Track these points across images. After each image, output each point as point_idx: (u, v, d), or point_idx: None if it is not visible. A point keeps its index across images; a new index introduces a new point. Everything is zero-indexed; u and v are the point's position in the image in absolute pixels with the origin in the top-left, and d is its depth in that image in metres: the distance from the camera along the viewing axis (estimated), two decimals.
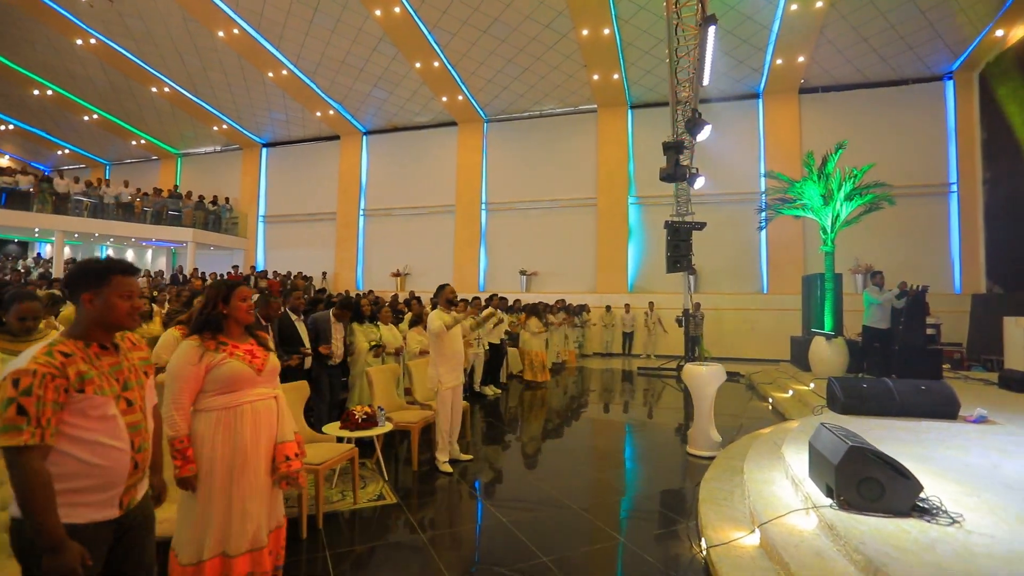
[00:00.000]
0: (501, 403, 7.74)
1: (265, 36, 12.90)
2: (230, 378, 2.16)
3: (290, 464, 2.23)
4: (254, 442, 2.16)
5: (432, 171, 16.79)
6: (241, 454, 2.13)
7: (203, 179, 20.12)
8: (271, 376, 2.32)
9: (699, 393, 4.66)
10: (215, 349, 2.19)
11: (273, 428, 2.25)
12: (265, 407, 2.23)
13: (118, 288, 1.64)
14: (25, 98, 17.53)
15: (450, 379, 4.41)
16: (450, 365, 4.42)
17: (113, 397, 1.59)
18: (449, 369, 4.41)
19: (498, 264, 15.90)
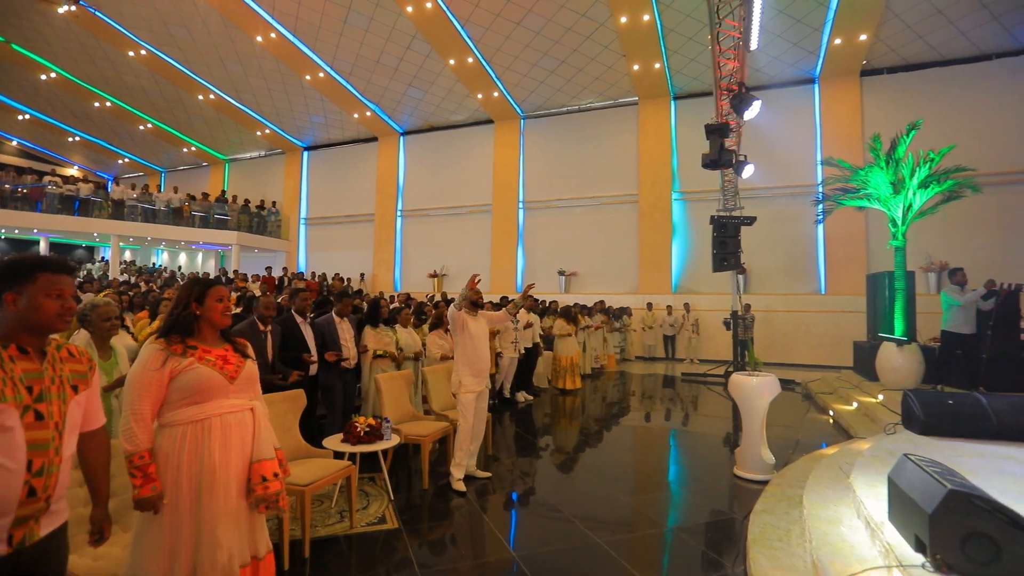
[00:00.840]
0: (530, 412, 7.29)
1: (301, 39, 12.96)
2: (197, 386, 1.86)
3: (267, 486, 1.91)
4: (223, 460, 1.85)
5: (469, 170, 16.54)
6: (209, 473, 1.82)
7: (249, 183, 20.65)
8: (247, 385, 2.01)
9: (748, 407, 4.07)
10: (182, 353, 1.89)
11: (247, 444, 1.94)
12: (237, 421, 1.93)
13: (46, 287, 1.44)
14: (87, 110, 18.45)
15: (472, 384, 4.02)
16: (473, 369, 4.03)
17: (16, 406, 1.32)
18: (472, 373, 4.03)
19: (536, 264, 15.45)
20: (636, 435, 6.35)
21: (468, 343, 4.04)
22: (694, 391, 9.20)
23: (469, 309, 4.12)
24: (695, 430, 6.63)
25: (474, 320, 4.11)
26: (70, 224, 15.70)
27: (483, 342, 4.11)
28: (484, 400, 4.16)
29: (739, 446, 4.30)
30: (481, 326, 4.13)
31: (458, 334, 4.08)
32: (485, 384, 4.14)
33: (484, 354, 4.10)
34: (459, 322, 4.04)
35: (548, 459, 5.04)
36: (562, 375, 8.72)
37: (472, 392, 4.02)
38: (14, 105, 18.90)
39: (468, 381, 4.02)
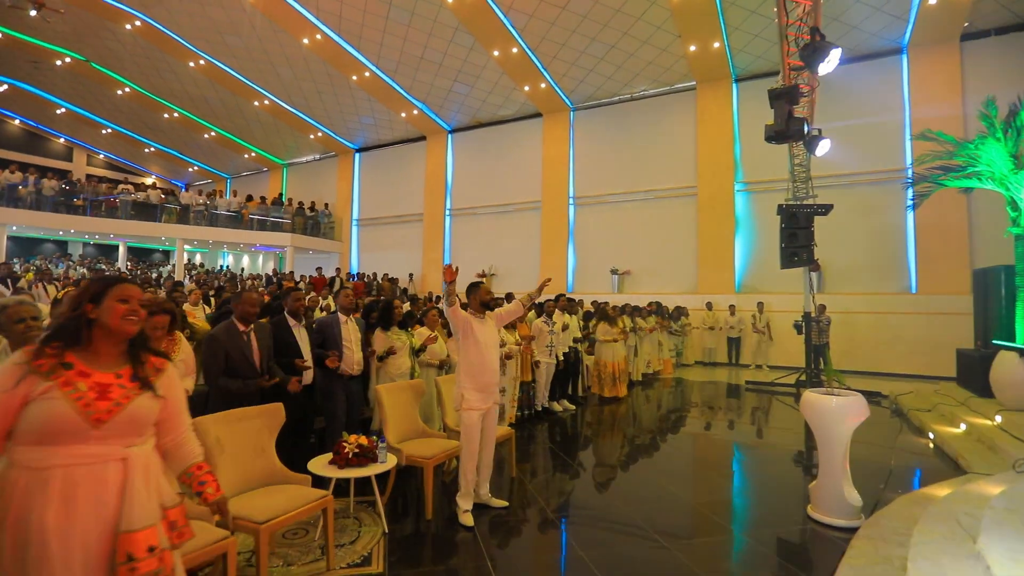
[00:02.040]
0: (569, 423, 6.62)
1: (345, 38, 12.90)
2: (41, 425, 1.37)
3: (135, 567, 1.38)
4: (60, 528, 1.33)
5: (517, 167, 16.01)
6: (37, 545, 1.30)
7: (305, 186, 21.13)
8: (126, 429, 1.47)
9: (827, 434, 3.25)
10: (47, 372, 1.40)
11: (107, 508, 1.40)
12: (92, 476, 1.40)
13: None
14: (159, 122, 19.47)
15: (476, 399, 3.44)
16: (478, 382, 3.45)
17: None
18: (476, 388, 3.45)
19: (588, 263, 14.70)
20: (690, 455, 5.55)
21: (473, 351, 3.46)
22: (761, 402, 8.19)
23: (476, 310, 3.55)
24: (761, 450, 5.73)
25: (481, 323, 3.53)
26: (140, 229, 16.55)
27: (491, 350, 3.52)
28: (492, 419, 3.57)
29: (815, 480, 3.47)
30: (490, 331, 3.54)
31: (461, 339, 3.52)
32: (493, 400, 3.53)
33: (492, 365, 3.50)
34: (462, 324, 3.47)
35: (580, 484, 4.38)
36: (607, 382, 7.98)
37: (476, 410, 3.43)
38: (99, 120, 20.28)
39: (472, 397, 3.44)
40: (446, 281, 3.28)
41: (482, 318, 3.54)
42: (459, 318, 3.46)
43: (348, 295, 4.20)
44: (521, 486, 4.11)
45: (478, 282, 3.67)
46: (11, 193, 15.12)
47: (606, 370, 8.04)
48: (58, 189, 15.96)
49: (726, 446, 5.97)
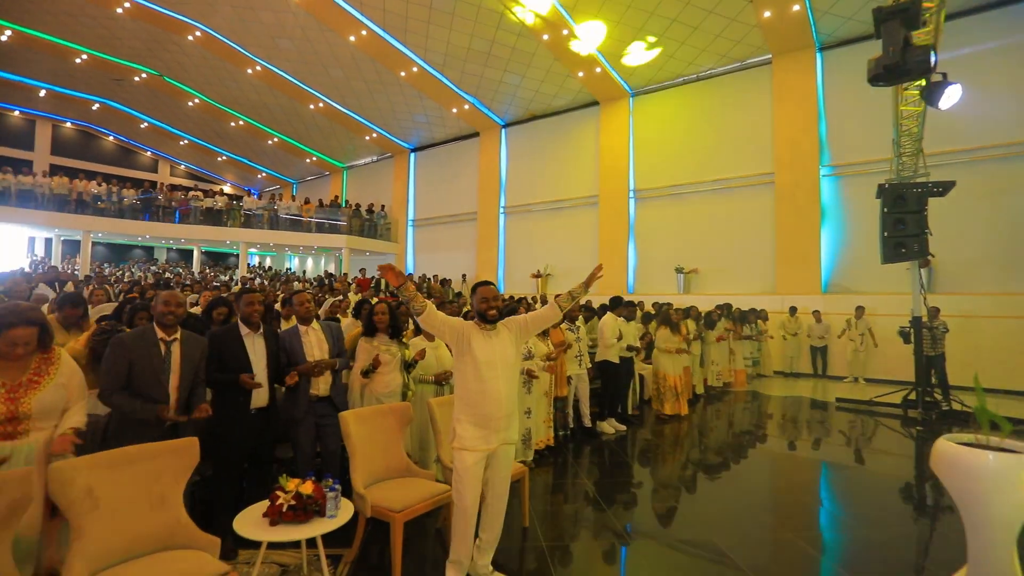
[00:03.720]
0: (615, 449, 5.62)
1: (390, 32, 12.51)
2: None
3: None
4: None
5: (573, 160, 15.06)
6: None
7: (364, 189, 21.27)
8: None
9: (980, 514, 2.11)
10: None
11: None
12: None
13: None
14: (227, 130, 20.25)
15: (473, 437, 2.58)
16: (476, 414, 2.59)
17: None
18: (474, 419, 2.60)
19: (650, 261, 13.48)
20: (762, 501, 4.42)
21: (469, 372, 2.62)
22: (856, 425, 6.78)
23: (479, 322, 2.71)
24: (861, 500, 4.49)
25: (485, 336, 2.66)
26: (206, 233, 17.14)
27: (497, 372, 2.61)
28: (501, 466, 2.69)
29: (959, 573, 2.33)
30: (498, 346, 2.67)
31: (456, 356, 2.70)
32: (501, 440, 2.65)
33: (496, 391, 2.59)
34: (453, 335, 2.63)
35: (619, 542, 3.43)
36: (667, 397, 6.89)
37: (475, 452, 2.58)
38: (176, 132, 21.45)
39: (467, 433, 2.59)
40: (394, 286, 2.46)
41: (487, 329, 2.69)
42: (446, 327, 2.62)
43: (304, 301, 3.48)
44: (535, 544, 3.23)
45: (482, 282, 2.81)
46: (96, 203, 16.10)
47: (666, 383, 6.95)
48: (136, 198, 16.85)
49: (811, 487, 4.76)
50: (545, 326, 3.02)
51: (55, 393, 2.21)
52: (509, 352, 2.72)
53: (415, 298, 2.50)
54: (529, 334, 2.92)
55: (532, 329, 2.88)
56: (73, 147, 22.37)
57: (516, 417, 2.75)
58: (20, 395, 2.12)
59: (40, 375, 2.20)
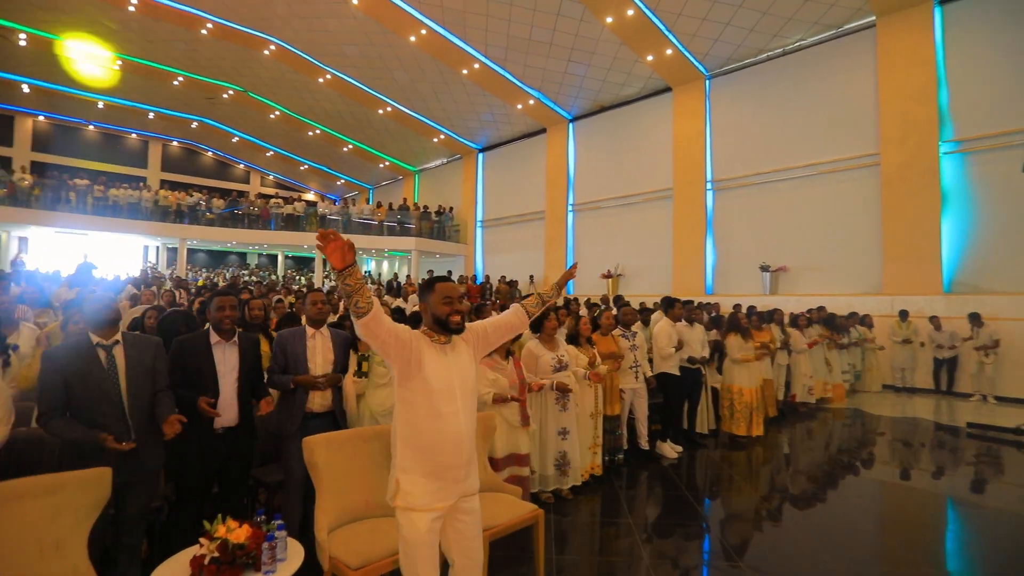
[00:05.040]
0: (675, 477, 4.80)
1: (449, 29, 12.27)
2: None
3: None
4: None
5: (645, 151, 14.06)
6: None
7: (435, 191, 21.40)
8: None
9: None
10: None
11: None
12: None
13: None
14: (306, 140, 21.19)
15: (427, 493, 1.93)
16: (428, 459, 1.94)
17: None
18: (426, 468, 1.94)
19: (731, 259, 12.22)
20: (862, 547, 3.46)
21: (420, 405, 1.94)
22: (992, 457, 5.44)
23: (432, 330, 2.03)
24: (997, 549, 3.40)
25: (439, 352, 1.99)
26: (284, 239, 18.00)
27: (455, 403, 1.95)
28: (467, 525, 2.03)
29: None
30: (458, 366, 2.01)
31: (398, 378, 2.00)
32: (460, 493, 1.99)
33: (456, 433, 1.94)
34: (402, 352, 1.90)
35: None
36: (740, 415, 5.93)
37: (425, 513, 1.92)
38: (262, 144, 22.80)
39: (419, 488, 1.93)
40: (335, 268, 1.74)
41: (442, 342, 2.04)
42: (391, 338, 1.86)
43: (317, 300, 3.10)
44: None
45: (437, 278, 2.11)
46: (192, 213, 17.42)
47: (740, 399, 6.00)
48: (224, 207, 18.02)
49: (935, 537, 3.71)
50: (508, 337, 2.33)
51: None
52: (468, 373, 2.04)
53: (360, 291, 1.74)
54: (490, 346, 2.24)
55: (493, 340, 2.22)
56: (179, 163, 24.50)
57: (475, 462, 2.10)
58: None
59: None
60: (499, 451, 3.67)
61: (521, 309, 2.26)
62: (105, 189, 16.25)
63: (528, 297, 2.33)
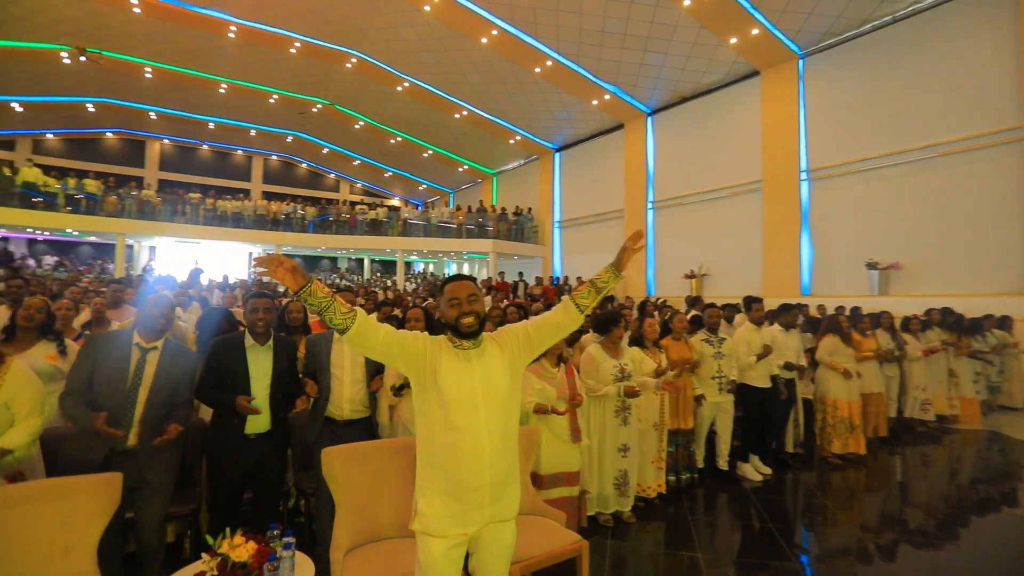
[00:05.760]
0: (757, 503, 4.24)
1: (520, 27, 12.11)
2: None
3: None
4: None
5: (730, 142, 13.08)
6: None
7: (514, 193, 21.40)
8: None
9: None
10: None
11: None
12: None
13: None
14: (389, 147, 22.02)
15: (445, 516, 1.75)
16: (446, 480, 1.75)
17: None
18: (443, 487, 1.76)
19: (831, 255, 11.00)
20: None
21: (435, 416, 1.78)
22: None
23: (452, 335, 1.84)
24: None
25: (460, 360, 1.79)
26: (367, 243, 18.77)
27: (476, 414, 1.74)
28: (495, 556, 1.83)
29: None
30: (478, 376, 1.78)
31: (416, 392, 1.83)
32: (487, 519, 1.78)
33: (475, 447, 1.73)
34: (413, 359, 1.77)
35: None
36: (837, 431, 5.19)
37: (445, 539, 1.75)
38: (349, 154, 24.02)
39: (436, 510, 1.76)
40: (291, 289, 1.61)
41: (464, 347, 1.82)
42: (392, 348, 1.74)
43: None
44: None
45: (447, 279, 1.94)
46: (287, 220, 18.69)
47: (835, 413, 5.26)
48: (315, 214, 19.15)
49: None
50: (556, 337, 1.95)
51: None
52: (500, 382, 1.79)
53: (330, 308, 1.61)
54: (535, 350, 1.92)
55: (538, 341, 1.90)
56: (277, 175, 26.48)
57: (513, 483, 1.85)
58: None
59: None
60: (544, 467, 3.39)
61: (570, 303, 1.92)
62: (214, 201, 17.86)
63: (576, 289, 1.96)
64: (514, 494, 1.86)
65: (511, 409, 1.84)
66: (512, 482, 1.85)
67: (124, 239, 15.72)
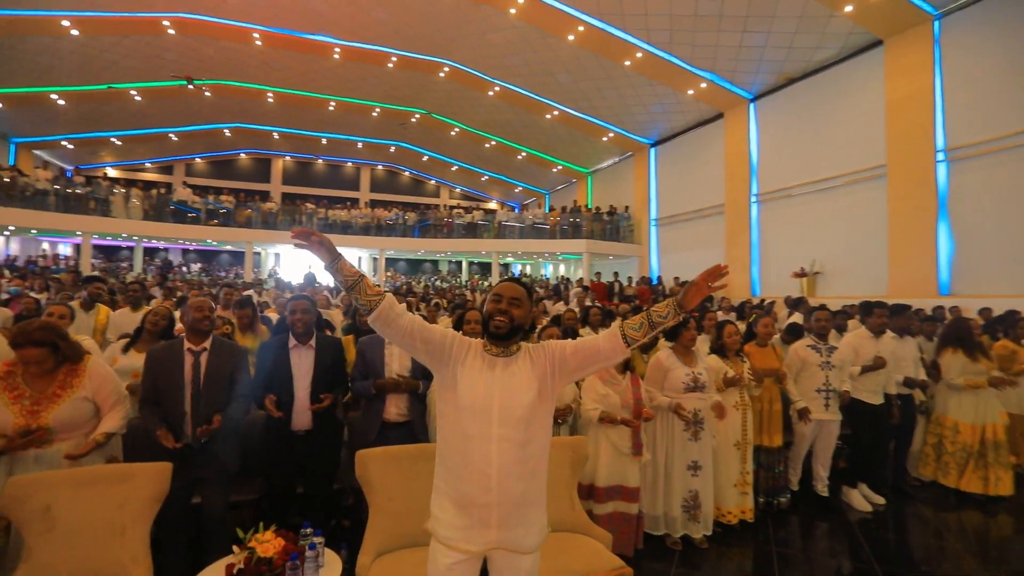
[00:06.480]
0: (863, 538, 3.68)
1: (607, 21, 11.77)
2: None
3: None
4: None
5: (847, 123, 11.70)
6: None
7: (609, 191, 20.96)
8: None
9: None
10: None
11: None
12: None
13: None
14: (484, 152, 22.53)
15: (453, 526, 1.68)
16: (455, 489, 1.69)
17: None
18: (455, 499, 1.69)
19: (978, 249, 9.41)
20: None
21: (449, 420, 1.73)
22: None
23: (487, 338, 1.77)
24: None
25: (485, 365, 1.72)
26: (464, 246, 19.36)
27: (489, 426, 1.65)
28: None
29: None
30: (499, 385, 1.69)
31: (438, 390, 1.80)
32: (496, 543, 1.67)
33: (484, 462, 1.63)
34: (438, 354, 1.73)
35: None
36: (955, 460, 4.38)
37: (452, 551, 1.67)
38: (447, 160, 24.94)
39: (446, 517, 1.70)
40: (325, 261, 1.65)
41: (495, 352, 1.74)
42: (417, 339, 1.70)
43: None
44: None
45: (506, 279, 1.88)
46: (390, 226, 19.87)
47: (954, 438, 4.44)
48: (415, 220, 20.14)
49: None
50: (594, 366, 1.80)
51: (75, 406, 2.26)
52: (522, 397, 1.68)
53: (357, 288, 1.63)
54: (571, 374, 1.79)
55: (575, 366, 1.76)
56: (383, 183, 28.24)
57: (533, 513, 1.72)
58: (41, 408, 2.21)
59: (64, 388, 2.28)
60: (602, 479, 3.21)
61: (618, 333, 1.73)
62: (325, 210, 19.46)
63: (629, 319, 1.78)
64: (533, 525, 1.72)
65: (534, 431, 1.70)
66: (531, 512, 1.72)
67: (252, 247, 17.63)
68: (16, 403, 2.20)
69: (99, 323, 4.27)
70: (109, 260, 20.40)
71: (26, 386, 2.23)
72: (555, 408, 3.23)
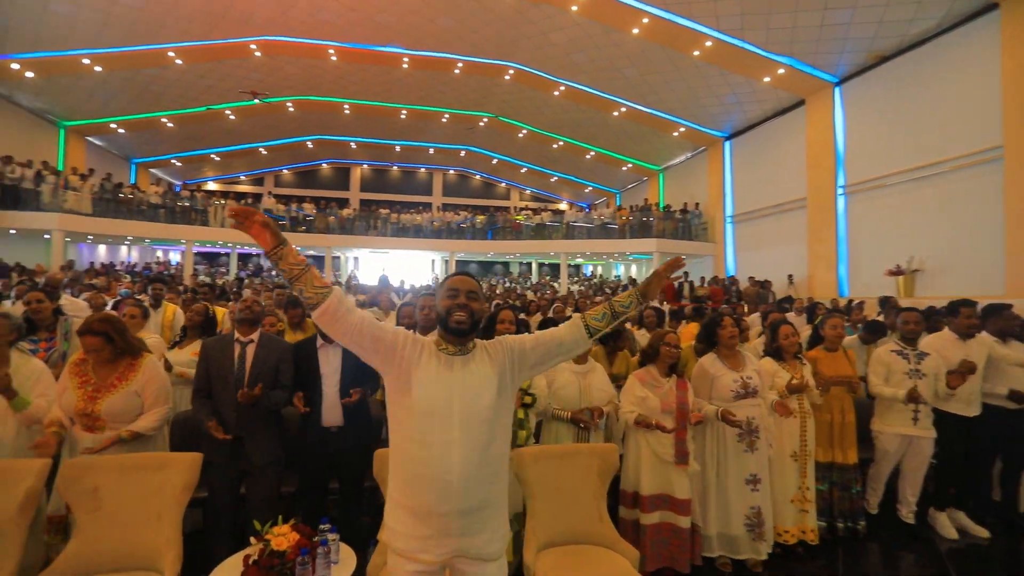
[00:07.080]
0: (951, 570, 3.22)
1: (673, 11, 11.29)
2: None
3: None
4: None
5: (951, 102, 10.45)
6: None
7: (681, 188, 20.20)
8: None
9: None
10: None
11: None
12: None
13: None
14: (552, 153, 22.45)
15: (411, 536, 1.59)
16: (412, 497, 1.59)
17: None
18: (412, 507, 1.60)
19: None
20: None
21: (404, 424, 1.63)
22: None
23: (441, 335, 1.70)
24: None
25: (442, 364, 1.63)
26: (531, 247, 19.41)
27: (449, 430, 1.56)
28: None
29: None
30: (457, 385, 1.61)
31: (389, 394, 1.69)
32: (458, 551, 1.58)
33: (444, 468, 1.55)
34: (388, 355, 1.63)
35: None
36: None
37: (411, 561, 1.59)
38: (516, 162, 25.12)
39: (402, 526, 1.61)
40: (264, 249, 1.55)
41: (452, 352, 1.66)
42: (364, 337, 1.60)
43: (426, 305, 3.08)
44: None
45: (456, 273, 1.81)
46: (460, 229, 20.32)
47: None
48: (484, 222, 20.45)
49: None
50: (557, 358, 1.75)
51: (126, 399, 2.45)
52: (483, 398, 1.61)
53: (302, 278, 1.53)
54: (531, 369, 1.72)
55: (535, 359, 1.70)
56: (454, 187, 28.92)
57: (494, 518, 1.64)
58: (100, 396, 2.42)
59: (120, 380, 2.48)
60: (646, 487, 3.02)
61: (580, 323, 1.71)
62: (398, 216, 20.23)
63: (590, 310, 1.76)
64: (495, 530, 1.64)
65: (496, 431, 1.63)
66: (493, 517, 1.64)
67: (330, 252, 18.67)
68: (81, 388, 2.43)
69: (166, 320, 4.71)
70: (211, 265, 22.43)
71: (92, 374, 2.47)
72: (590, 409, 3.11)
